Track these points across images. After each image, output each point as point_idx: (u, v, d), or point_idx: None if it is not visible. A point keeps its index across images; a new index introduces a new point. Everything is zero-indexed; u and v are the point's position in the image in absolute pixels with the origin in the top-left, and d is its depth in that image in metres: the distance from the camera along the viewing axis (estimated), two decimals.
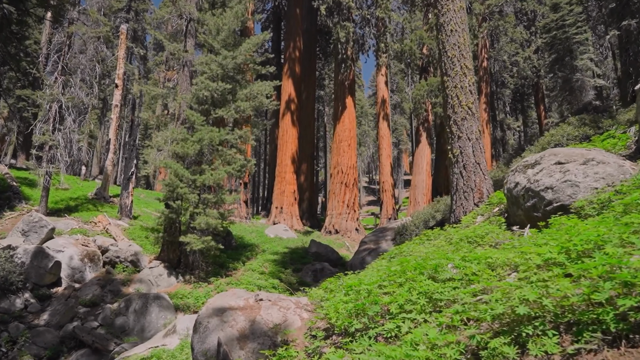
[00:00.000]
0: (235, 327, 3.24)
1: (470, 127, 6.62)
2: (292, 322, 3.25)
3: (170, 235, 14.40)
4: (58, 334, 10.53)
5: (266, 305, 3.50)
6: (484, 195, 6.38)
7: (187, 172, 14.06)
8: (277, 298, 3.68)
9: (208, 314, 3.49)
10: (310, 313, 3.45)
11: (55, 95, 17.55)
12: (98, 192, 23.28)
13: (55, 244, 13.67)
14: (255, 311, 3.42)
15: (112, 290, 12.85)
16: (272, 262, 16.99)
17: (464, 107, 6.68)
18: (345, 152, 26.11)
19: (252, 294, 3.88)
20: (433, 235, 6.78)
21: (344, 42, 25.32)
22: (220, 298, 3.84)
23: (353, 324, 2.58)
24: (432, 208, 14.35)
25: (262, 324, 3.22)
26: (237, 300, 3.68)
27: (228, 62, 15.63)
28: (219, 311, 3.49)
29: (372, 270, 4.86)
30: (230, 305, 3.59)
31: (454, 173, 6.74)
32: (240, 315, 3.37)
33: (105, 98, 40.68)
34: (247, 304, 3.61)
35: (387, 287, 2.99)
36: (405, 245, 6.75)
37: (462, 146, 6.61)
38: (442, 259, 3.13)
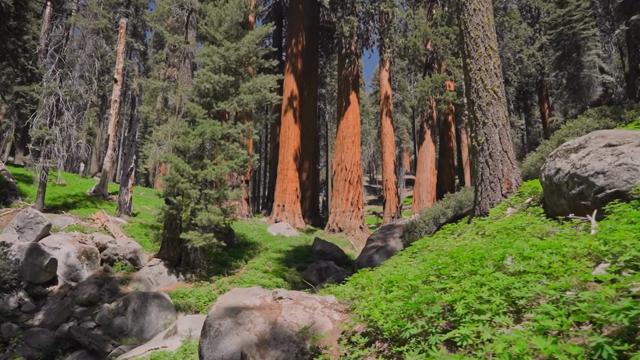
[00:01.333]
0: (253, 331, 2.73)
1: (496, 113, 6.12)
2: (321, 324, 2.75)
3: (171, 232, 13.90)
4: (53, 335, 10.02)
5: (287, 304, 3.00)
6: (512, 185, 5.89)
7: (189, 167, 13.56)
8: (300, 296, 3.18)
9: (219, 315, 2.98)
10: (342, 314, 2.95)
11: (52, 88, 17.02)
12: (97, 189, 22.78)
13: (51, 240, 13.17)
14: (276, 312, 2.92)
15: (110, 289, 12.35)
16: (276, 261, 16.49)
17: (489, 91, 6.18)
18: (349, 148, 25.60)
19: (269, 291, 3.38)
20: (456, 229, 6.27)
21: (347, 36, 24.81)
22: (233, 296, 3.33)
23: (407, 327, 2.09)
24: (442, 205, 13.85)
25: (285, 327, 2.71)
26: (252, 299, 3.18)
27: (231, 54, 15.13)
28: (232, 311, 2.98)
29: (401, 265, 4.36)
30: (245, 304, 3.09)
31: (478, 162, 6.24)
32: (257, 316, 2.86)
33: (105, 95, 40.23)
34: (264, 303, 3.12)
35: (436, 283, 2.50)
36: (427, 240, 6.24)
37: (488, 133, 6.11)
38: (506, 248, 2.63)
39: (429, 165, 29.42)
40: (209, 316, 3.04)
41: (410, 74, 61.24)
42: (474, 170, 6.44)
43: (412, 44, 30.32)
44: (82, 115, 34.73)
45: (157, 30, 37.90)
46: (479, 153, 6.23)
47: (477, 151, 6.28)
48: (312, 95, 31.92)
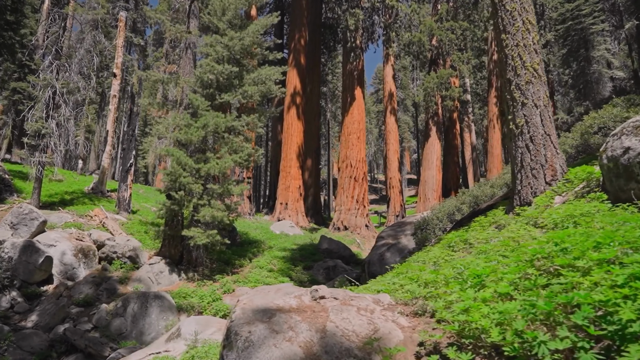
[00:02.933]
0: (296, 342, 2.11)
1: (537, 92, 5.52)
2: (386, 333, 2.14)
3: (172, 229, 13.27)
4: (47, 337, 9.39)
5: (334, 306, 2.39)
6: (557, 172, 5.28)
7: (191, 161, 12.93)
8: (346, 295, 2.57)
9: (247, 319, 2.35)
10: (410, 318, 2.34)
11: (49, 80, 16.38)
12: (95, 186, 22.15)
13: (46, 238, 12.53)
14: (321, 315, 2.31)
15: (108, 288, 11.72)
16: (281, 259, 15.88)
17: (528, 69, 5.58)
18: (355, 145, 24.97)
19: (304, 289, 2.77)
20: (495, 221, 5.64)
21: (353, 29, 24.20)
22: (260, 295, 2.71)
23: (542, 340, 1.47)
24: (456, 200, 13.22)
25: (338, 337, 2.09)
26: (285, 299, 2.57)
27: (235, 44, 14.51)
28: (264, 314, 2.36)
29: (444, 260, 3.74)
30: (279, 305, 2.47)
31: (517, 147, 5.62)
32: (299, 321, 2.25)
33: (104, 92, 39.61)
34: (301, 303, 2.51)
35: (541, 278, 1.90)
36: (462, 233, 5.61)
37: (528, 115, 5.50)
38: (613, 237, 2.03)
39: (435, 163, 28.81)
40: (233, 320, 2.41)
41: (413, 71, 60.69)
42: (512, 156, 5.82)
43: (418, 39, 29.72)
44: (80, 111, 34.09)
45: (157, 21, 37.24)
46: (517, 137, 5.61)
47: (515, 135, 5.66)
48: (314, 92, 31.32)
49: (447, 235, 7.29)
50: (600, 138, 10.15)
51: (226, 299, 11.65)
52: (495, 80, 35.74)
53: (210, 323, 7.52)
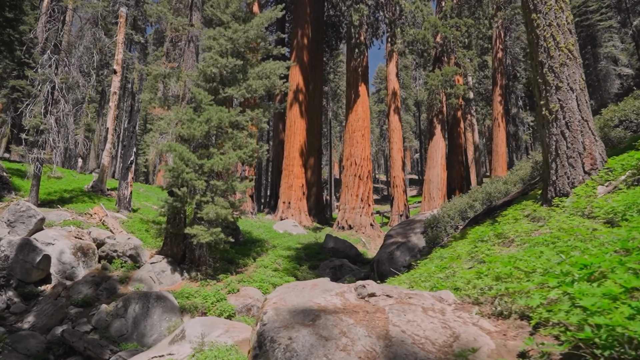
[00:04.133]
0: (354, 351, 1.67)
1: (572, 75, 5.10)
2: (470, 340, 1.71)
3: (174, 226, 12.84)
4: (44, 339, 8.96)
5: (391, 306, 1.97)
6: (596, 160, 4.87)
7: (194, 156, 12.51)
8: (400, 293, 2.14)
9: (283, 322, 1.91)
10: (494, 321, 1.91)
11: (47, 75, 15.96)
12: (95, 184, 21.70)
13: (44, 236, 12.10)
14: (378, 317, 1.89)
15: (108, 288, 11.28)
16: (286, 259, 15.45)
17: (563, 50, 5.17)
18: (359, 142, 24.54)
19: (346, 285, 2.35)
20: (530, 214, 5.21)
21: (357, 25, 23.77)
22: (293, 293, 2.28)
23: None
24: (468, 197, 12.79)
25: (409, 345, 1.65)
26: (325, 297, 2.15)
27: (239, 36, 14.10)
28: (305, 316, 1.94)
29: (486, 255, 3.32)
30: (320, 305, 2.05)
31: (551, 134, 5.21)
32: (352, 324, 1.82)
33: (104, 90, 39.21)
34: (346, 302, 2.09)
35: None
36: (496, 227, 5.17)
37: (563, 99, 5.09)
38: None
39: (440, 161, 28.36)
40: (265, 323, 1.97)
41: (415, 70, 60.31)
42: (544, 145, 5.40)
43: (422, 36, 29.29)
44: (80, 108, 33.67)
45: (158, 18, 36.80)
46: (551, 123, 5.19)
47: (548, 121, 5.24)
48: (317, 89, 30.91)
49: (471, 230, 6.88)
50: (622, 131, 9.75)
51: (231, 299, 11.22)
52: (500, 79, 35.34)
53: (216, 324, 7.09)
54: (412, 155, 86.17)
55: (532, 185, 9.83)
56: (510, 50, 39.56)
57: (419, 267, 6.17)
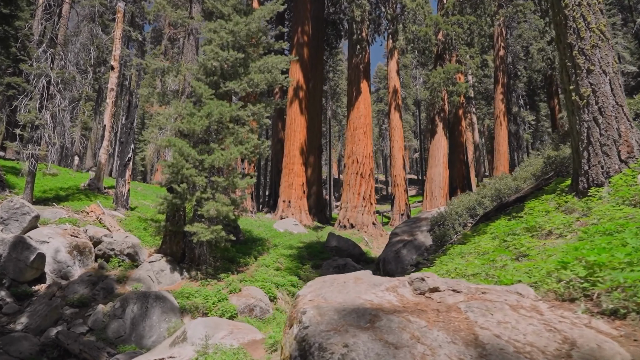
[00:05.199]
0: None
1: (605, 57, 4.76)
2: (593, 348, 1.34)
3: (174, 224, 12.44)
4: (38, 341, 8.55)
5: (469, 303, 1.60)
6: (633, 148, 4.52)
7: (194, 152, 12.11)
8: (469, 287, 1.77)
9: (331, 324, 1.52)
10: (610, 323, 1.55)
11: (43, 69, 15.52)
12: (91, 182, 21.25)
13: (39, 233, 11.68)
14: (454, 317, 1.52)
15: (105, 288, 10.88)
16: (288, 258, 15.06)
17: (594, 31, 4.83)
18: (361, 140, 24.16)
19: (396, 279, 1.98)
20: (554, 207, 4.85)
21: (359, 21, 23.42)
22: (334, 289, 1.90)
23: None
24: (476, 194, 12.44)
25: (513, 355, 1.27)
26: (376, 292, 1.77)
27: (240, 29, 13.71)
28: (358, 316, 1.56)
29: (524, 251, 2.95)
30: (373, 302, 1.68)
31: (582, 121, 4.85)
32: (424, 327, 1.44)
33: (101, 88, 38.73)
34: (404, 299, 1.72)
35: None
36: (528, 219, 4.79)
37: (595, 83, 4.74)
38: None
39: (442, 160, 28.02)
40: (307, 326, 1.57)
41: (415, 69, 60.05)
42: (574, 132, 5.04)
43: (424, 33, 28.96)
44: (76, 105, 33.16)
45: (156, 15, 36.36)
46: (582, 109, 4.83)
47: (579, 107, 4.88)
48: (317, 87, 30.53)
49: (487, 227, 6.53)
50: (638, 124, 9.42)
51: (232, 299, 10.83)
52: (502, 77, 35.03)
53: (220, 325, 6.70)
54: (411, 155, 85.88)
55: (546, 180, 9.48)
56: (512, 49, 39.31)
57: (436, 264, 5.79)
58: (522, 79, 43.72)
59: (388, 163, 75.66)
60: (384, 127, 69.84)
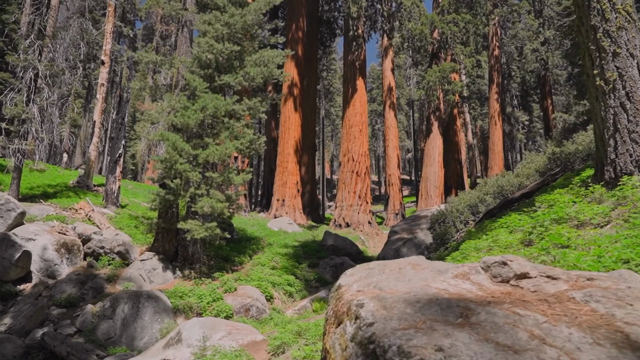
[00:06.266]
0: None
1: (632, 40, 4.49)
2: None
3: (167, 221, 12.01)
4: (22, 343, 8.09)
5: (587, 292, 1.28)
6: None
7: (188, 146, 11.70)
8: (569, 274, 1.46)
9: (410, 322, 1.13)
10: None
11: (30, 60, 14.99)
12: (81, 179, 20.67)
13: (25, 231, 11.19)
14: (576, 309, 1.19)
15: (95, 287, 10.43)
16: (283, 256, 14.70)
17: (620, 12, 4.55)
18: (357, 138, 23.85)
19: (466, 265, 1.64)
20: (580, 198, 4.55)
21: (355, 17, 23.12)
22: (390, 276, 1.55)
23: None
24: (478, 191, 12.19)
25: None
26: (447, 280, 1.44)
27: (236, 21, 13.32)
28: (443, 310, 1.20)
29: None
30: (451, 292, 1.32)
31: (607, 107, 4.57)
32: (544, 322, 1.07)
33: (90, 84, 37.95)
34: (487, 289, 1.39)
35: None
36: (556, 211, 4.46)
37: (622, 67, 4.47)
38: None
39: (437, 159, 27.83)
40: (372, 323, 1.19)
41: (409, 69, 60.00)
42: (598, 119, 4.75)
43: (419, 32, 28.76)
44: (65, 102, 32.47)
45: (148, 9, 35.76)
46: (607, 94, 4.55)
47: (604, 92, 4.59)
48: (311, 85, 30.18)
49: (501, 221, 6.24)
50: None
51: (228, 299, 10.44)
52: (496, 76, 34.97)
53: (217, 326, 6.32)
54: (404, 156, 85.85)
55: (552, 176, 9.24)
56: (506, 49, 39.31)
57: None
58: (516, 79, 43.76)
59: (381, 163, 75.56)
60: (377, 127, 69.66)
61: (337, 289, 1.72)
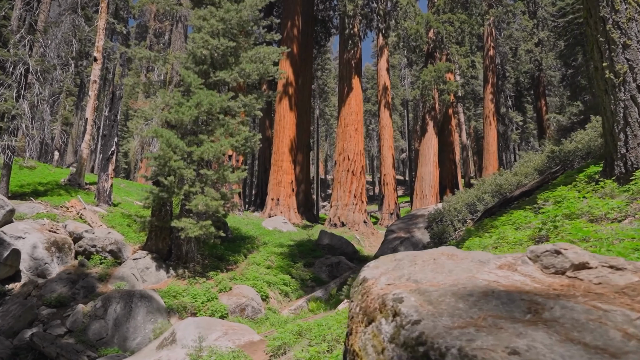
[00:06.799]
0: None
1: None
2: None
3: (160, 219, 11.79)
4: (10, 344, 7.84)
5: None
6: None
7: (182, 143, 11.48)
8: (636, 264, 1.31)
9: (465, 318, 0.94)
10: None
11: (20, 55, 14.68)
12: (72, 178, 20.33)
13: (14, 229, 10.90)
14: None
15: (86, 286, 10.18)
16: (279, 256, 14.51)
17: (630, 3, 4.45)
18: (352, 137, 23.72)
19: (510, 256, 1.46)
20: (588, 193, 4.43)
21: (351, 15, 22.99)
22: (425, 267, 1.38)
23: None
24: (477, 190, 12.09)
25: None
26: (494, 271, 1.28)
27: (232, 16, 13.12)
28: (503, 304, 1.01)
29: None
30: (504, 284, 1.14)
31: (618, 100, 4.46)
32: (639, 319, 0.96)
33: (82, 82, 37.49)
34: (542, 281, 1.24)
35: None
36: (570, 206, 4.32)
37: (633, 58, 4.36)
38: None
39: (432, 159, 27.77)
40: (418, 320, 0.97)
41: (404, 69, 60.04)
42: (608, 112, 4.64)
43: (415, 31, 28.70)
44: (57, 99, 32.01)
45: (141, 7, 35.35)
46: (617, 87, 4.44)
47: (614, 85, 4.48)
48: (306, 84, 30.02)
49: (502, 219, 6.14)
50: None
51: (223, 299, 10.25)
52: (491, 76, 35.00)
53: (213, 326, 6.13)
54: (398, 156, 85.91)
55: (553, 174, 9.16)
56: (501, 49, 39.40)
57: None
58: (510, 80, 43.91)
59: (375, 163, 75.54)
60: (371, 127, 69.63)
61: (361, 282, 1.56)
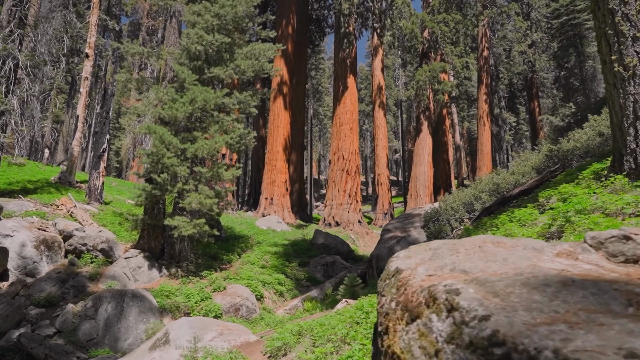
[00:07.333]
0: None
1: None
2: None
3: (153, 217, 11.56)
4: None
5: None
6: None
7: (176, 140, 11.27)
8: None
9: (549, 314, 0.77)
10: None
11: (10, 50, 14.37)
12: (63, 176, 19.97)
13: (2, 226, 10.62)
14: None
15: (76, 286, 9.93)
16: (273, 255, 14.34)
17: None
18: (347, 136, 23.59)
19: (566, 244, 1.30)
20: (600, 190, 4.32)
21: (347, 14, 22.86)
22: (473, 256, 1.23)
23: None
24: (474, 189, 12.00)
25: None
26: (553, 259, 1.14)
27: (226, 12, 12.93)
28: (592, 296, 0.88)
29: None
30: (574, 273, 1.02)
31: (627, 94, 4.35)
32: None
33: (74, 80, 36.97)
34: (611, 269, 1.06)
35: None
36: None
37: None
38: None
39: (426, 159, 27.73)
40: (487, 315, 0.73)
41: (398, 69, 60.04)
42: (616, 107, 4.53)
43: (410, 31, 28.66)
44: (47, 96, 31.55)
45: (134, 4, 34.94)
46: (627, 81, 4.34)
47: (623, 79, 4.38)
48: (301, 83, 29.86)
49: (502, 218, 6.03)
50: None
51: (217, 298, 10.05)
52: (485, 77, 35.08)
53: (208, 326, 5.95)
54: (392, 157, 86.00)
55: (552, 172, 9.08)
56: (495, 50, 39.52)
57: None
58: (504, 81, 44.08)
59: (369, 163, 75.48)
60: (365, 127, 69.59)
61: (394, 274, 1.40)
